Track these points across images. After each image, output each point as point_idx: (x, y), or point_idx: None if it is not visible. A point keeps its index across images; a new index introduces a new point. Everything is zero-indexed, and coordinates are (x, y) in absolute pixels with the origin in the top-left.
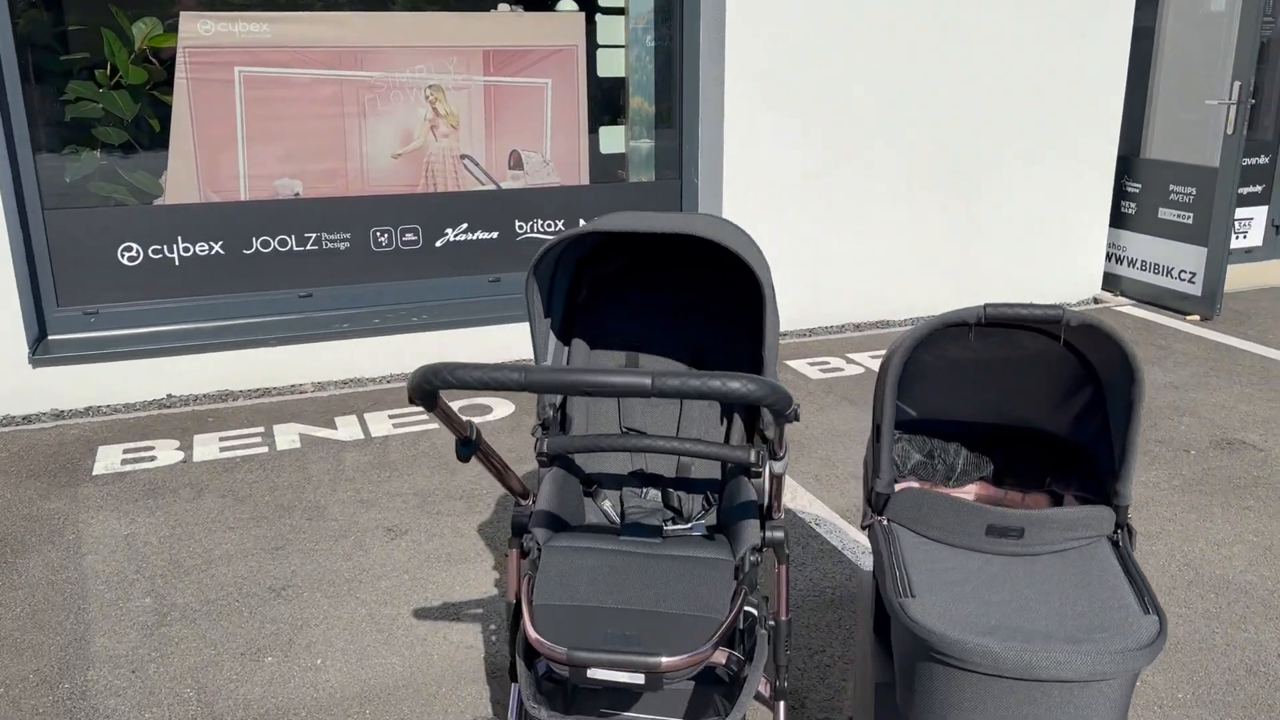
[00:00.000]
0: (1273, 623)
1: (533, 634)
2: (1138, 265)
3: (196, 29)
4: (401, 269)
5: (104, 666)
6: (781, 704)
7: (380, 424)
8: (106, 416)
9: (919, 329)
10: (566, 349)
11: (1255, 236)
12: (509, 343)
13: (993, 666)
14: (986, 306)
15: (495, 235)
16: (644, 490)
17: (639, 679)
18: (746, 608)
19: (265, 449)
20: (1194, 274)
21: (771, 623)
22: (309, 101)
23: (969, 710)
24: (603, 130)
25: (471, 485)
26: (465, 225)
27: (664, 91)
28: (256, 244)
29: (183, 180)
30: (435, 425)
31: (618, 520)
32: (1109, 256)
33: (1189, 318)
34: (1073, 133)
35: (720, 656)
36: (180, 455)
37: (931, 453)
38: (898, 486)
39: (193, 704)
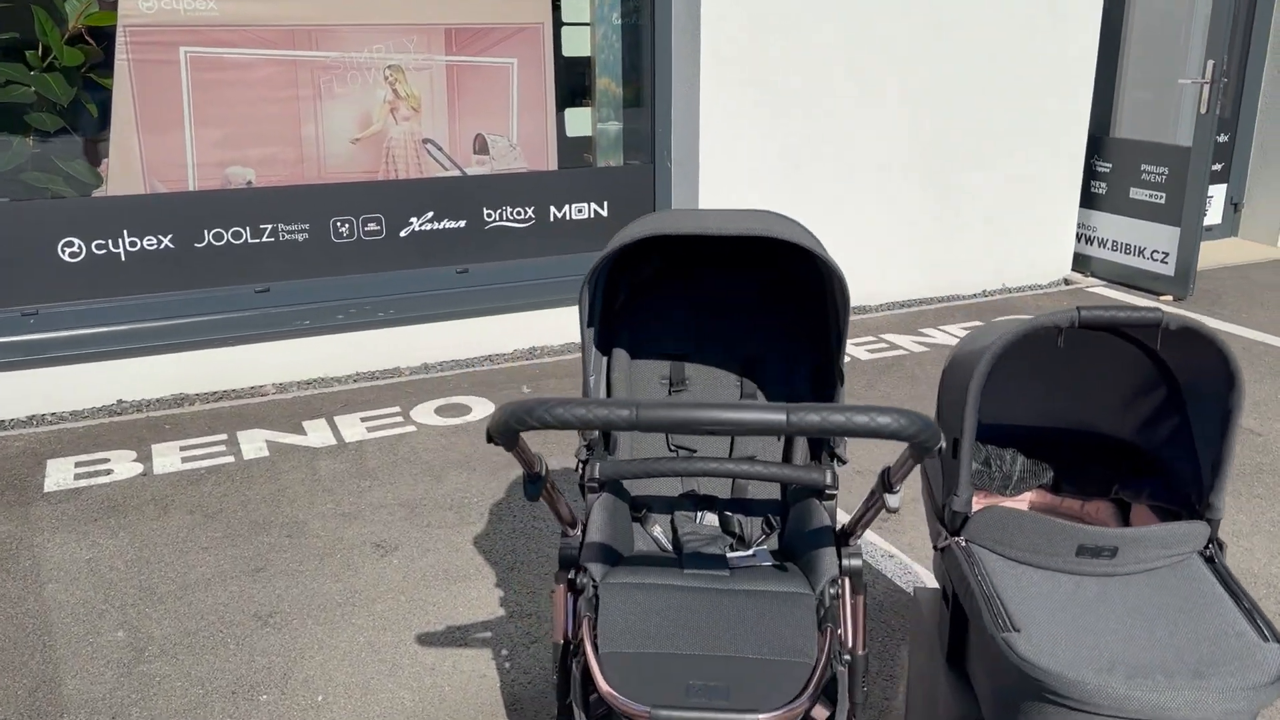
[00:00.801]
0: None
1: (607, 689)
2: (1108, 245)
3: (137, 6)
4: (364, 261)
5: (79, 713)
6: None
7: (352, 428)
8: (52, 426)
9: (1005, 334)
10: (606, 359)
11: (1214, 215)
12: (481, 337)
13: (1117, 708)
14: (1080, 310)
15: (462, 224)
16: (698, 514)
17: None
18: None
19: (231, 458)
20: (1167, 254)
21: (847, 658)
22: (260, 84)
23: None
24: (569, 112)
25: (460, 494)
26: (430, 214)
27: (632, 72)
28: (208, 236)
29: (126, 170)
30: (412, 429)
31: (670, 548)
32: (1079, 237)
33: (1162, 298)
34: (1044, 113)
35: (820, 713)
36: (139, 467)
37: (988, 460)
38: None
39: None
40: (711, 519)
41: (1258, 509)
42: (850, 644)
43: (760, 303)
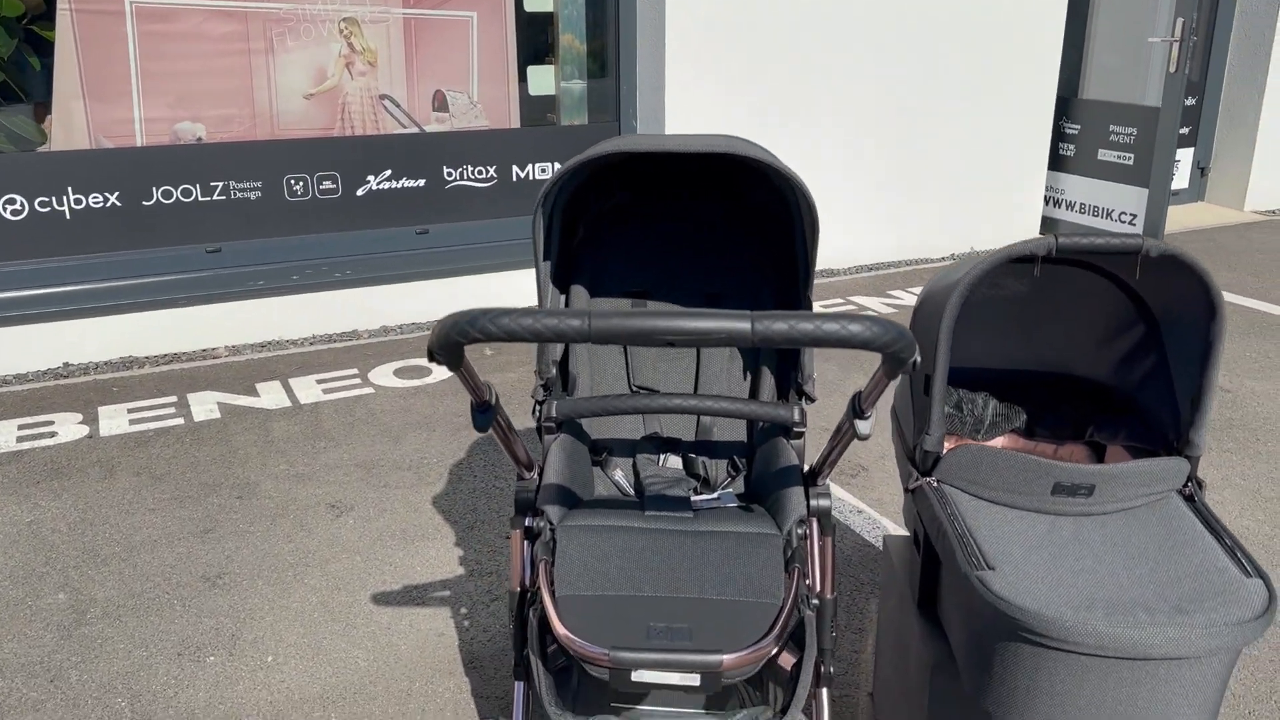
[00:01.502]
0: (1278, 569)
1: (563, 631)
2: (1076, 208)
3: None
4: (320, 220)
5: (16, 676)
6: (825, 691)
7: (308, 390)
8: None
9: (979, 265)
10: (564, 297)
11: (1181, 179)
12: (442, 299)
13: (1097, 645)
14: (1058, 237)
15: (422, 183)
16: (661, 457)
17: (694, 681)
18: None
19: (181, 420)
20: (1135, 215)
21: (815, 602)
22: (210, 36)
23: (1062, 694)
24: (532, 70)
25: (419, 455)
26: (389, 172)
27: (596, 29)
28: (157, 194)
29: (70, 124)
30: (370, 390)
31: (631, 492)
32: (1047, 200)
33: None
34: (1012, 76)
35: (787, 659)
36: (85, 430)
37: (959, 404)
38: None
39: (126, 715)
40: (675, 461)
41: (1229, 463)
42: (819, 588)
43: (724, 236)
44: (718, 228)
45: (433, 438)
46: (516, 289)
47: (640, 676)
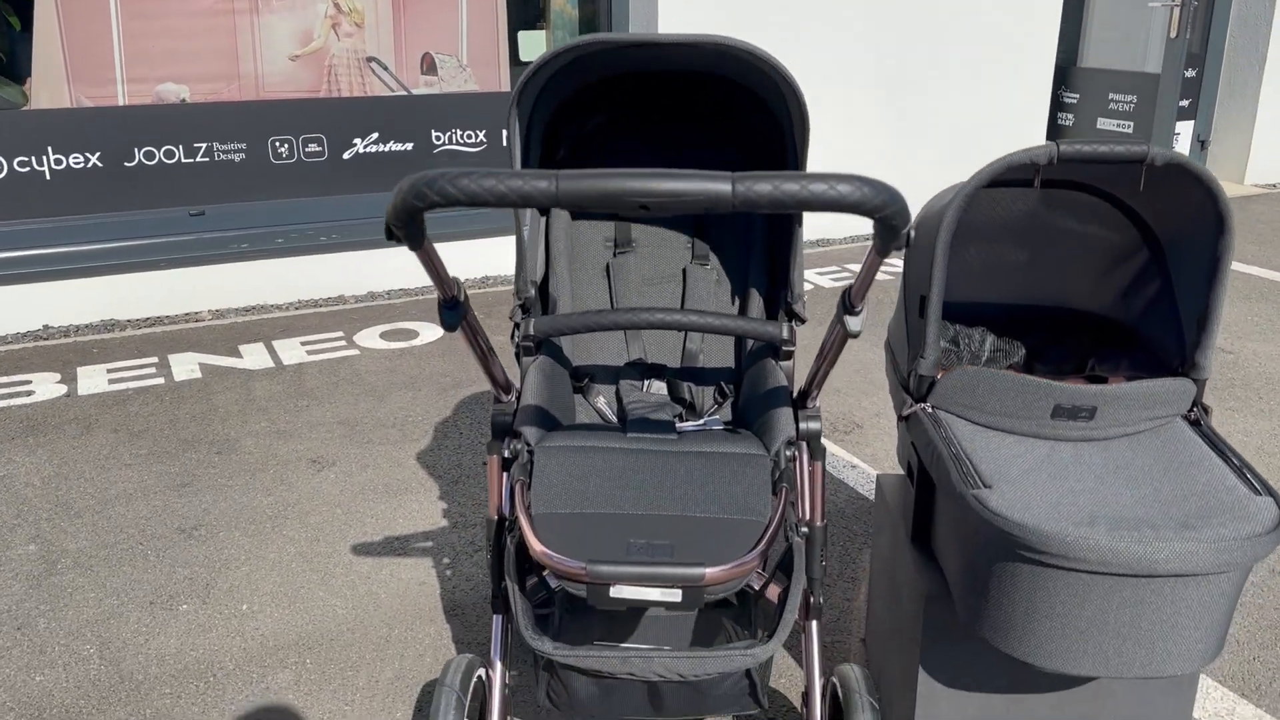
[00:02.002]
0: None
1: (540, 548)
2: None
3: None
4: (305, 184)
5: None
6: (814, 624)
7: (292, 351)
8: None
9: (977, 176)
10: (544, 220)
11: (1181, 152)
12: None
13: (1100, 562)
14: (1060, 145)
15: (410, 147)
16: (645, 383)
17: (675, 596)
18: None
19: (161, 380)
20: None
21: (805, 530)
22: None
23: (1063, 615)
24: (522, 35)
25: (403, 413)
26: (375, 135)
27: None
28: (139, 155)
29: (49, 83)
30: (355, 352)
31: (614, 420)
32: None
33: None
34: (1010, 44)
35: (774, 591)
36: (63, 389)
37: (956, 339)
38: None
39: (94, 661)
40: (660, 387)
41: (1231, 421)
42: (808, 515)
43: (712, 155)
44: (705, 151)
45: (418, 397)
46: (507, 254)
47: (619, 592)
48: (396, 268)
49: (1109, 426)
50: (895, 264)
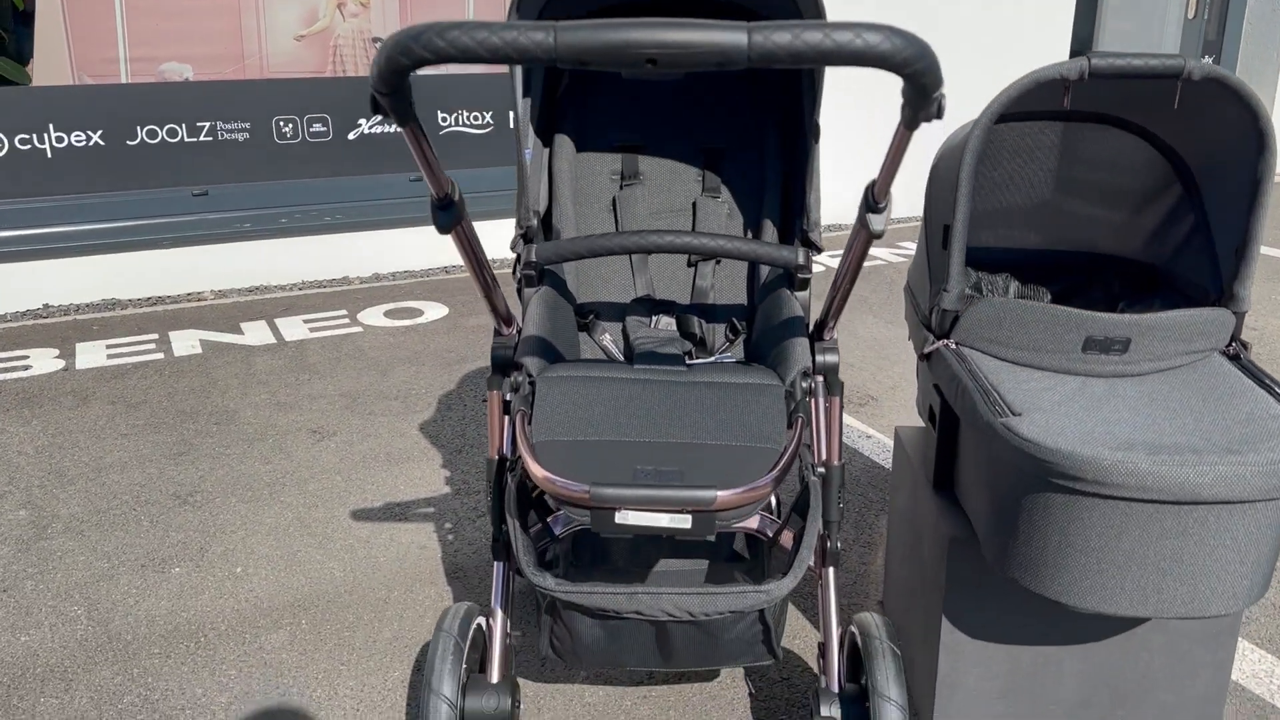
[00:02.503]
0: None
1: (541, 472)
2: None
3: None
4: (310, 165)
5: None
6: (831, 571)
7: (294, 329)
8: None
9: (1004, 93)
10: (548, 151)
11: None
12: (437, 246)
13: (1138, 487)
14: (1090, 58)
15: None
16: (652, 319)
17: (685, 522)
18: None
19: (160, 355)
20: None
21: (821, 470)
22: None
23: (1099, 549)
24: None
25: (406, 386)
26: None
27: None
28: (141, 134)
29: (52, 62)
30: (358, 329)
31: (621, 358)
32: None
33: None
34: (1023, 28)
35: (787, 536)
36: (60, 363)
37: (978, 285)
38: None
39: (82, 622)
40: (668, 323)
41: None
42: (824, 455)
43: (724, 83)
44: (716, 74)
45: (421, 370)
46: (500, 235)
47: (624, 518)
48: (401, 249)
49: (1143, 361)
50: (904, 248)
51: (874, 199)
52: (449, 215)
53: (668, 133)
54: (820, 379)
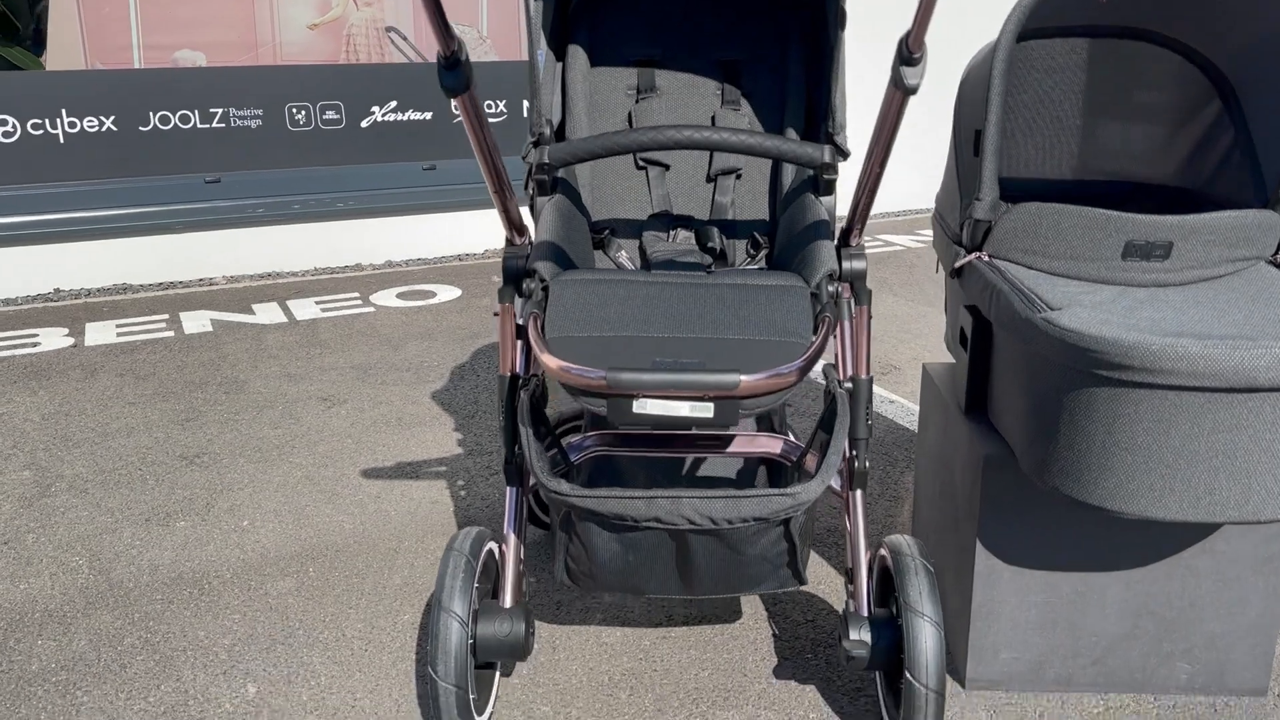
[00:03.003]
0: None
1: (555, 362)
2: None
3: None
4: (323, 152)
5: None
6: (859, 494)
7: (306, 309)
8: None
9: None
10: (560, 65)
11: None
12: (453, 234)
13: (1189, 373)
14: None
15: (429, 116)
16: (670, 233)
17: (707, 411)
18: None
19: (171, 333)
20: None
21: (848, 385)
22: None
23: (1146, 446)
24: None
25: (418, 359)
26: (394, 103)
27: None
28: (154, 119)
29: (65, 44)
30: (370, 309)
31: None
32: None
33: None
34: None
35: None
36: (70, 341)
37: None
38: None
39: (83, 572)
40: (687, 237)
41: None
42: (851, 369)
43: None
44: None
45: (434, 345)
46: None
47: (643, 407)
48: (415, 237)
49: (1186, 268)
50: (922, 234)
51: (908, 49)
52: (455, 77)
53: (684, 46)
54: (847, 287)
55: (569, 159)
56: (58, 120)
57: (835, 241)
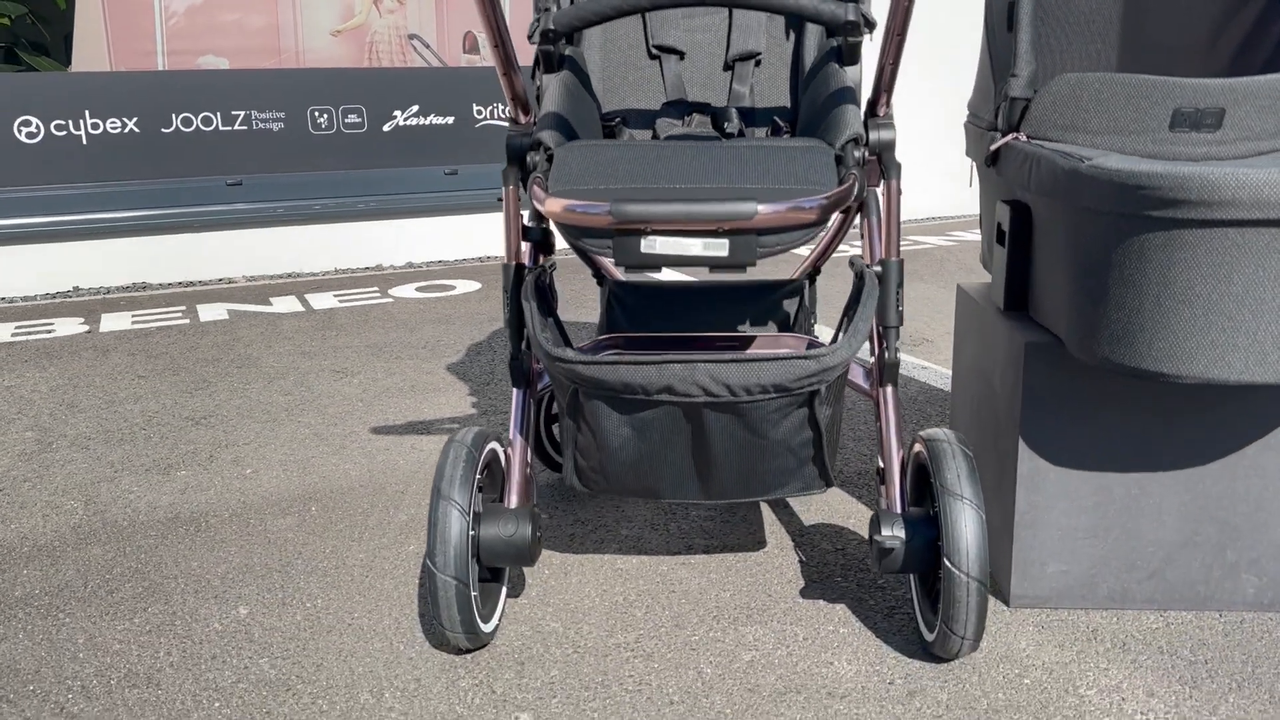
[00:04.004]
0: None
1: (558, 203)
2: None
3: None
4: (344, 156)
5: None
6: (889, 390)
7: (324, 300)
8: None
9: None
10: None
11: None
12: (474, 235)
13: (1253, 203)
14: None
15: (450, 120)
16: (686, 119)
17: (722, 249)
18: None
19: (186, 321)
20: None
21: (877, 269)
22: None
23: (1205, 296)
24: None
25: (434, 340)
26: (416, 108)
27: None
28: (176, 121)
29: (90, 47)
30: (388, 300)
31: None
32: None
33: None
34: None
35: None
36: (85, 328)
37: None
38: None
39: (78, 514)
40: (703, 120)
41: None
42: (881, 252)
43: None
44: None
45: (450, 329)
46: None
47: (651, 246)
48: (436, 240)
49: (1239, 140)
50: (964, 236)
51: None
52: None
53: None
54: (877, 158)
55: (575, 23)
56: (81, 121)
57: (862, 111)
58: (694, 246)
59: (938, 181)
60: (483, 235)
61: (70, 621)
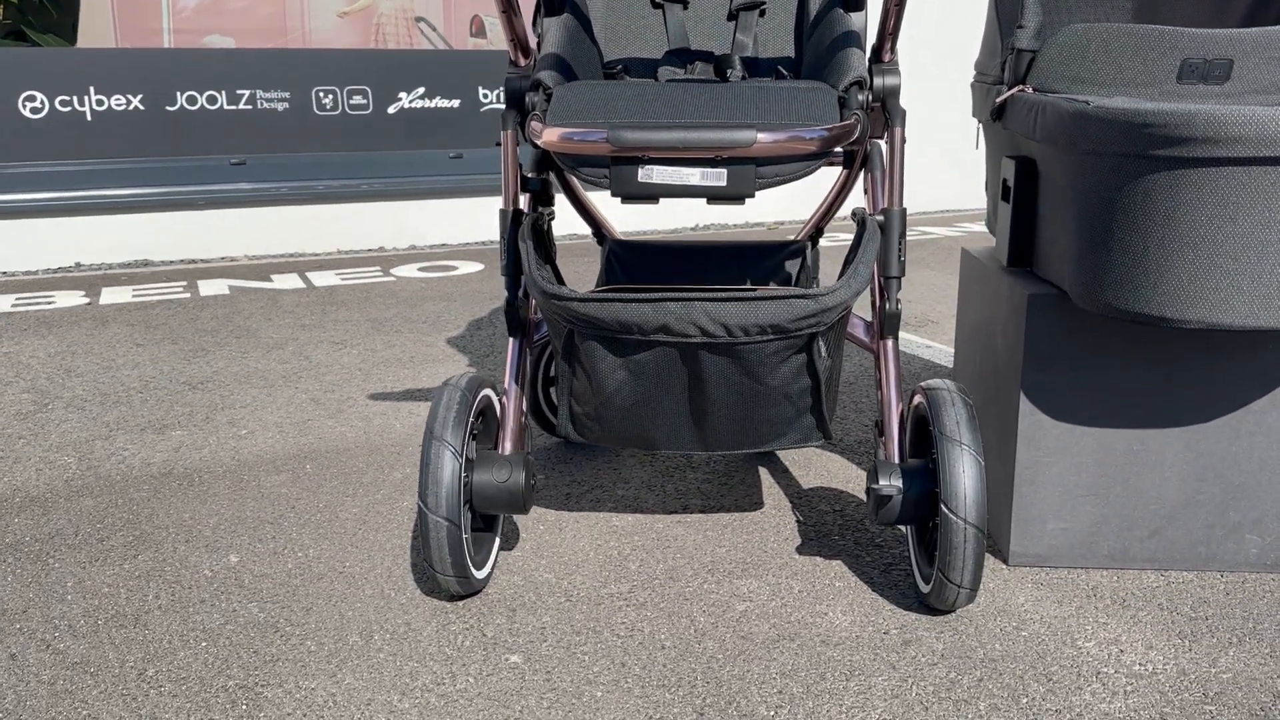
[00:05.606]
0: None
1: (554, 132)
2: None
3: None
4: (348, 138)
5: None
6: (889, 343)
7: (325, 279)
8: None
9: None
10: None
11: None
12: (479, 219)
13: (1258, 139)
14: None
15: (456, 103)
16: (688, 68)
17: (720, 179)
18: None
19: (188, 295)
20: None
21: (880, 218)
22: None
23: (1209, 238)
24: None
25: (435, 315)
26: (422, 90)
27: None
28: (181, 99)
29: (96, 22)
30: (390, 279)
31: None
32: None
33: None
34: None
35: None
36: (85, 300)
37: None
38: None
39: (72, 469)
40: (706, 69)
41: None
42: (884, 202)
43: None
44: None
45: (452, 306)
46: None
47: (649, 175)
48: (439, 223)
49: (1248, 92)
50: (971, 228)
51: None
52: None
53: None
54: (880, 105)
55: None
56: (85, 97)
57: (867, 56)
58: (692, 176)
59: (945, 174)
60: (487, 220)
61: (60, 566)
